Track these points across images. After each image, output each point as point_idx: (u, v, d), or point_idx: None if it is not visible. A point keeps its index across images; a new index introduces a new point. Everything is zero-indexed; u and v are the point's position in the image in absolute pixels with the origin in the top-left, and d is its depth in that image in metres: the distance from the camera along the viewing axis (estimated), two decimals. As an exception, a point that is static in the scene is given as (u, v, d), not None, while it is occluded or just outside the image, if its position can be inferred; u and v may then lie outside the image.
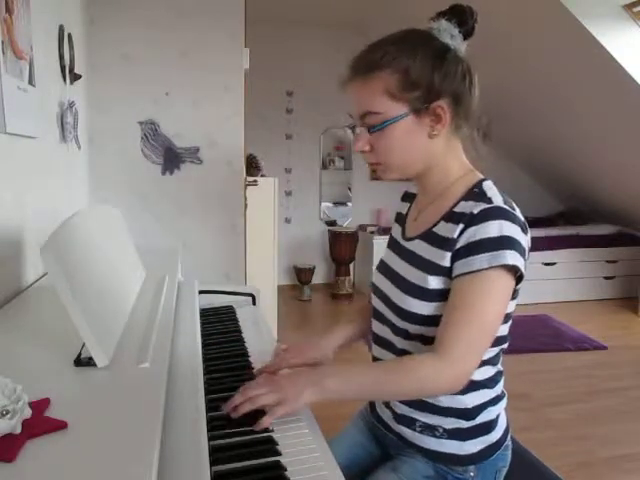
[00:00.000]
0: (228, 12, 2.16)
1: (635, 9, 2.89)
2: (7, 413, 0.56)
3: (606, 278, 4.63)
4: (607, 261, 4.61)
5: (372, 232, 4.62)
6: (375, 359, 1.02)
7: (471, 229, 0.82)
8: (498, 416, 0.95)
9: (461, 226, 0.84)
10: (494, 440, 0.93)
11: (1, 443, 0.54)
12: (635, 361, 3.21)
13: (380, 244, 4.40)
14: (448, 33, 0.87)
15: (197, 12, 2.13)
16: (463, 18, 0.88)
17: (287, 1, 3.94)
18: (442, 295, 0.86)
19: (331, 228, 4.74)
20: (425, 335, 0.89)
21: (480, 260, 0.80)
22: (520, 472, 1.00)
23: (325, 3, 3.99)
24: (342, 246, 4.58)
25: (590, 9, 2.86)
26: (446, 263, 0.85)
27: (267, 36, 4.32)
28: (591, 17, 2.88)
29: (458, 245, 0.83)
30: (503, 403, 0.96)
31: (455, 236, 0.84)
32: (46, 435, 0.57)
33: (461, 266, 0.82)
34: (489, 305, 0.81)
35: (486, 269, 0.80)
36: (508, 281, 0.82)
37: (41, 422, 0.59)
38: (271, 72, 4.48)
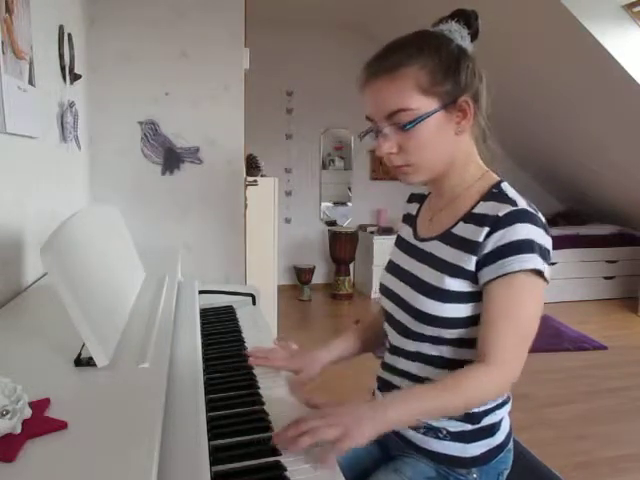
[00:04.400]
0: (228, 12, 2.16)
1: (635, 9, 2.89)
2: (7, 413, 0.56)
3: (606, 278, 4.63)
4: (607, 261, 4.61)
5: (372, 232, 4.62)
6: (385, 365, 1.01)
7: (498, 233, 0.82)
8: (502, 419, 0.95)
9: (486, 229, 0.83)
10: (497, 443, 0.93)
11: (1, 443, 0.54)
12: (635, 361, 3.21)
13: (380, 244, 4.39)
14: (459, 34, 0.88)
15: (197, 12, 2.13)
16: (469, 21, 0.89)
17: (287, 1, 3.94)
18: (461, 298, 0.85)
19: (331, 228, 4.74)
20: (439, 337, 0.88)
21: (510, 263, 0.80)
22: (520, 472, 0.99)
23: (325, 4, 3.99)
24: (342, 246, 4.58)
25: (590, 9, 2.87)
26: (471, 267, 0.84)
27: (267, 36, 4.31)
28: (591, 17, 2.88)
29: (486, 250, 0.82)
30: (508, 407, 0.96)
31: (481, 239, 0.83)
32: (46, 435, 0.57)
33: (491, 271, 0.82)
34: (524, 308, 0.81)
35: (516, 272, 0.80)
36: (539, 284, 0.82)
37: (41, 422, 0.59)
38: (271, 72, 4.48)
